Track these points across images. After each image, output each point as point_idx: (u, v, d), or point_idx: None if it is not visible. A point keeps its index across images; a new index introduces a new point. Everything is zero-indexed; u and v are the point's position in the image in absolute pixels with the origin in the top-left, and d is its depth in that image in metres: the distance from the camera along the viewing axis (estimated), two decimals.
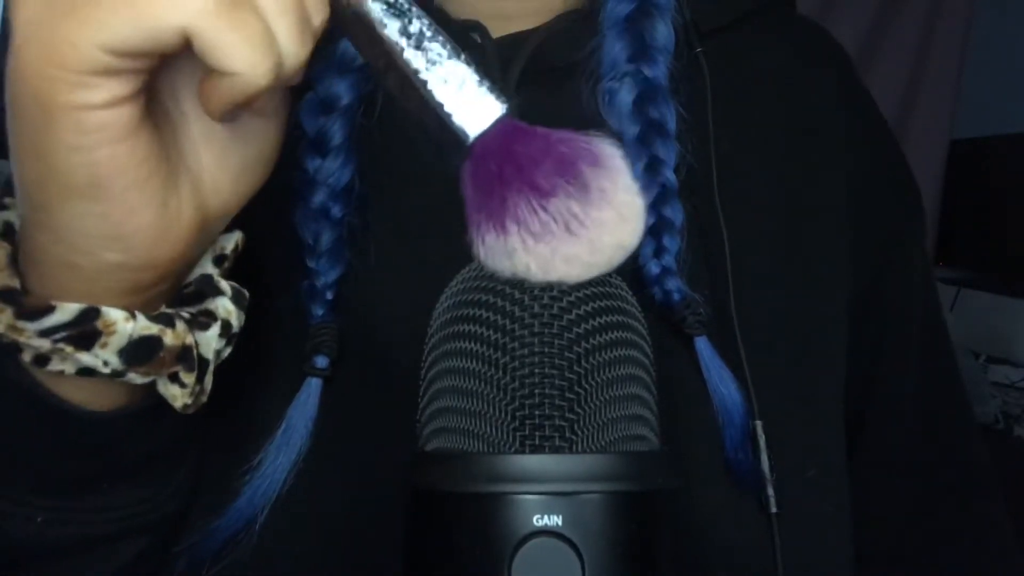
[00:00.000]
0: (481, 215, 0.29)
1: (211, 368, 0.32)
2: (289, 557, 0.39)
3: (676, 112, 0.42)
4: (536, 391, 0.29)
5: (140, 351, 0.29)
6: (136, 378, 0.30)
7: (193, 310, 0.32)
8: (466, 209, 0.30)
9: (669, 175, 0.41)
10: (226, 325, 0.32)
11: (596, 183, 0.29)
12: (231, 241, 0.34)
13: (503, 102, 0.29)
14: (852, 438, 0.47)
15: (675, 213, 0.41)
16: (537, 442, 0.29)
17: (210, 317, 0.32)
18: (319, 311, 0.40)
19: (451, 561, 0.28)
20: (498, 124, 0.29)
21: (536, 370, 0.29)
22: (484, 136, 0.29)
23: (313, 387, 0.39)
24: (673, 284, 0.40)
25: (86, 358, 0.29)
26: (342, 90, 0.41)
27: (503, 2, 0.46)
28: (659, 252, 0.40)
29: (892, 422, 0.48)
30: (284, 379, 0.40)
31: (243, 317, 0.33)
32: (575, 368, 0.29)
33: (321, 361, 0.39)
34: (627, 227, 0.30)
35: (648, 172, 0.41)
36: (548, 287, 0.30)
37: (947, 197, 2.07)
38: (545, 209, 0.28)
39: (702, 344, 0.40)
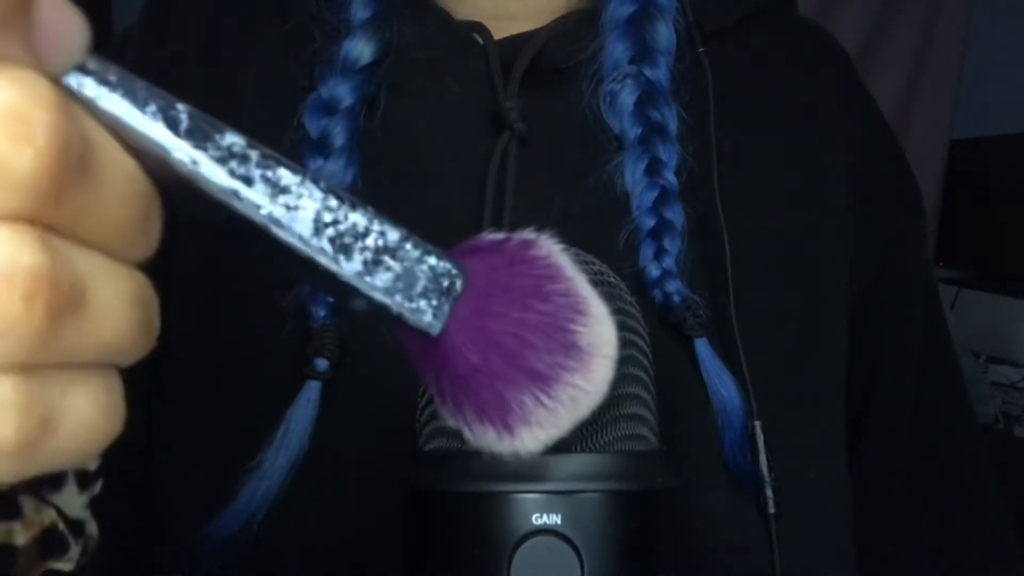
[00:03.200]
0: (469, 413, 0.25)
1: (88, 517, 0.29)
2: (288, 557, 0.39)
3: (677, 114, 0.43)
4: None
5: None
6: None
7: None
8: (437, 396, 0.25)
9: (670, 177, 0.41)
10: (82, 475, 0.28)
11: (584, 337, 0.24)
12: None
13: (458, 271, 0.23)
14: (853, 438, 0.47)
15: (676, 215, 0.41)
16: None
17: (60, 475, 0.28)
18: (320, 313, 0.40)
19: (451, 560, 0.28)
20: (460, 302, 0.23)
21: None
22: (448, 325, 0.23)
23: (313, 390, 0.39)
24: (673, 286, 0.40)
25: None
26: (344, 92, 0.41)
27: (506, 3, 0.46)
28: (659, 254, 0.40)
29: (893, 422, 0.48)
30: (284, 381, 0.40)
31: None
32: None
33: (321, 364, 0.39)
34: (612, 362, 0.25)
35: (649, 174, 0.41)
36: None
37: (947, 197, 2.07)
38: (551, 397, 0.24)
39: (702, 346, 0.40)
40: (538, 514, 0.27)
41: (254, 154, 0.20)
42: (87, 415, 0.18)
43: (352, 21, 0.43)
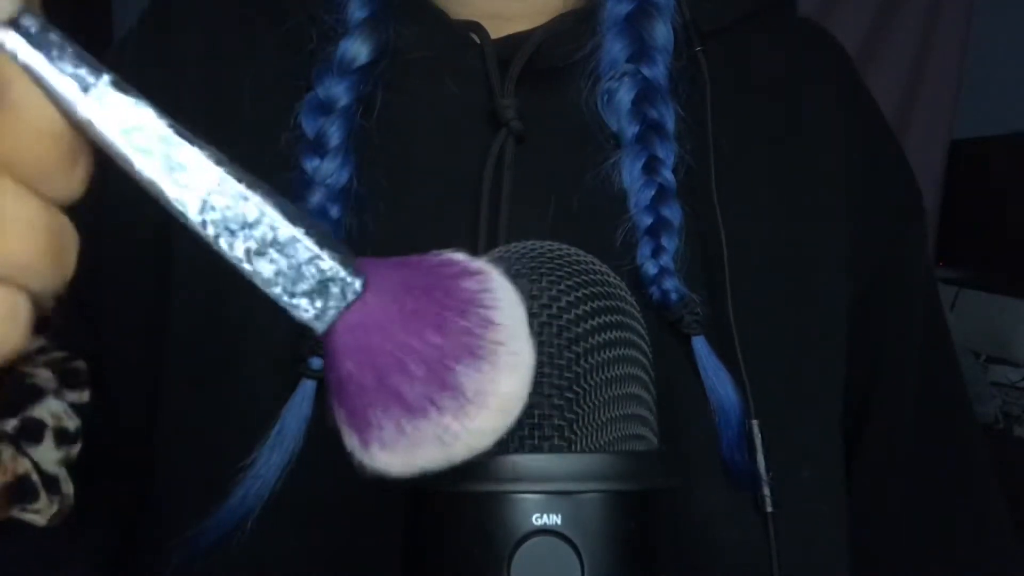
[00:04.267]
0: (339, 413, 0.25)
1: (64, 475, 0.29)
2: (282, 556, 0.39)
3: (675, 112, 0.43)
4: (535, 390, 0.29)
5: None
6: None
7: (15, 421, 0.29)
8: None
9: (668, 175, 0.41)
10: (60, 432, 0.29)
11: (469, 381, 0.24)
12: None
13: (354, 280, 0.24)
14: (853, 438, 0.47)
15: (673, 213, 0.41)
16: (536, 441, 0.29)
17: (38, 426, 0.29)
18: None
19: (450, 561, 0.28)
20: (350, 311, 0.24)
21: (535, 369, 0.29)
22: (333, 328, 0.24)
23: (307, 388, 0.39)
24: (671, 284, 0.40)
25: None
26: (341, 91, 0.41)
27: (503, 2, 0.46)
28: (657, 252, 0.40)
29: (893, 422, 0.48)
30: (279, 379, 0.40)
31: (84, 397, 0.31)
32: (574, 367, 0.29)
33: (316, 363, 0.39)
34: (507, 415, 0.24)
35: (647, 172, 0.41)
36: (548, 287, 0.30)
37: (947, 197, 2.07)
38: (414, 428, 0.24)
39: (699, 344, 0.40)
40: (538, 514, 0.27)
41: (161, 128, 0.23)
42: None
43: (349, 21, 0.43)
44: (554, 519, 0.27)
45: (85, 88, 0.22)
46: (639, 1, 0.43)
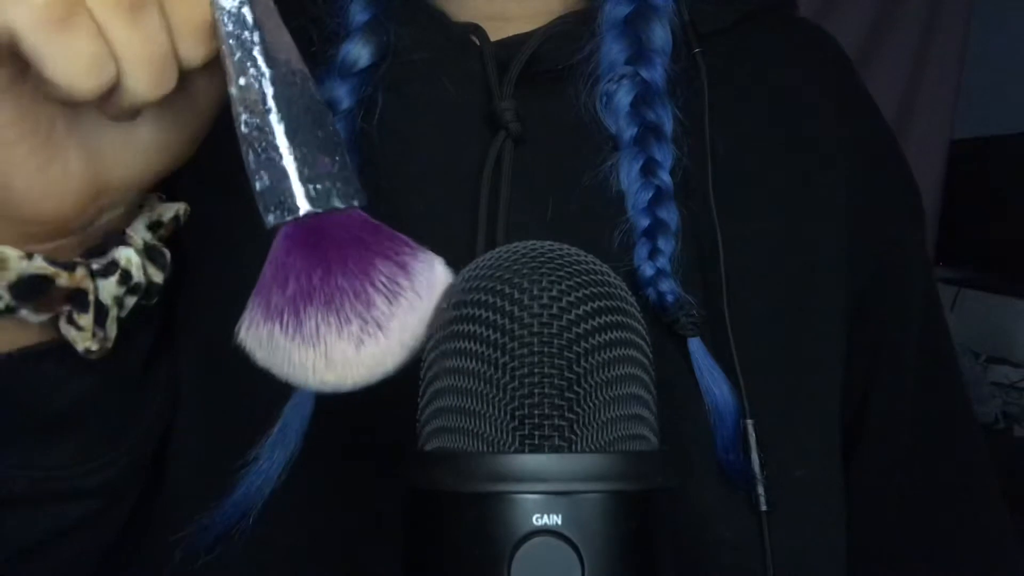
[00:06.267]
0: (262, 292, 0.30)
1: (112, 314, 0.33)
2: (284, 552, 0.39)
3: (673, 114, 0.43)
4: (535, 390, 0.29)
5: (31, 287, 0.31)
6: (29, 315, 0.31)
7: (102, 261, 0.33)
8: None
9: (665, 177, 0.42)
10: (125, 275, 0.33)
11: (380, 312, 0.29)
12: (171, 211, 0.36)
13: (293, 212, 0.29)
14: (851, 438, 0.47)
15: (670, 215, 0.41)
16: (536, 441, 0.29)
17: (111, 264, 0.33)
18: None
19: (450, 560, 0.28)
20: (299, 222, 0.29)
21: (536, 370, 0.29)
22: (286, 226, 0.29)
23: None
24: (667, 286, 0.40)
25: None
26: (342, 94, 0.42)
27: (502, 4, 0.46)
28: (654, 254, 0.40)
29: (892, 422, 0.48)
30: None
31: (160, 274, 0.35)
32: (574, 368, 0.29)
33: None
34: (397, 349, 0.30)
35: (644, 174, 0.41)
36: (548, 287, 0.30)
37: (947, 197, 2.07)
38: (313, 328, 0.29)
39: (695, 345, 0.40)
40: (538, 514, 0.27)
41: (256, 35, 0.29)
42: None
43: (350, 24, 0.43)
44: (554, 519, 0.27)
45: None
46: (638, 3, 0.43)
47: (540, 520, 0.27)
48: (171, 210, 0.36)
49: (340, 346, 0.29)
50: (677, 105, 0.43)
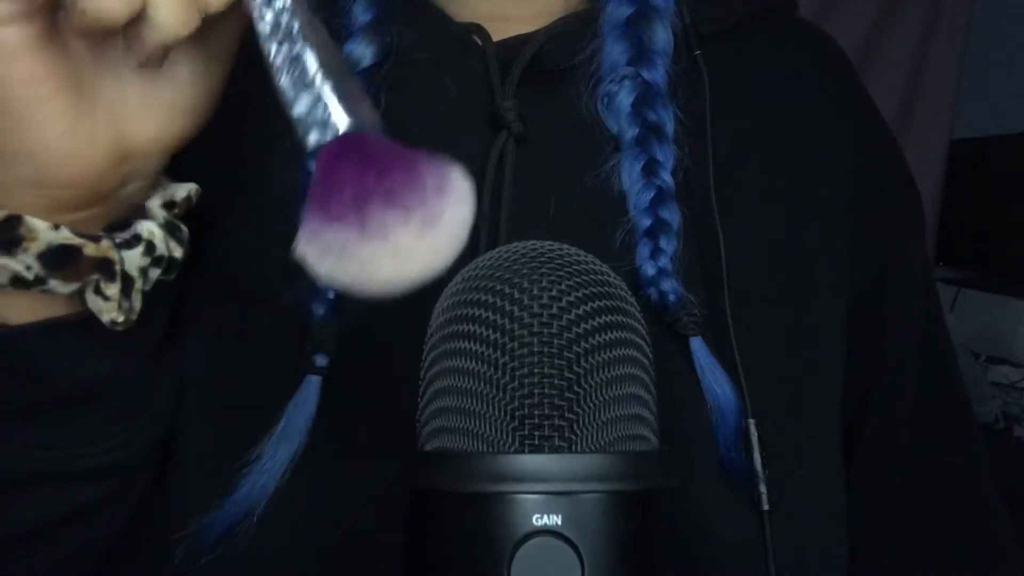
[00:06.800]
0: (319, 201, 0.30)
1: (138, 286, 0.34)
2: (286, 552, 0.39)
3: (674, 115, 0.43)
4: (535, 391, 0.29)
5: (60, 257, 0.31)
6: (58, 286, 0.32)
7: (125, 235, 0.34)
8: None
9: (666, 177, 0.42)
10: (150, 246, 0.34)
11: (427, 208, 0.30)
12: (183, 190, 0.37)
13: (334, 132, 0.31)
14: (852, 437, 0.47)
15: (672, 215, 0.41)
16: (536, 442, 0.29)
17: (135, 236, 0.34)
18: (320, 310, 0.40)
19: (451, 561, 0.28)
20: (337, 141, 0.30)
21: (536, 370, 0.29)
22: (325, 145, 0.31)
23: (313, 385, 0.39)
24: (669, 285, 0.40)
25: (10, 263, 0.31)
26: None
27: (504, 5, 0.46)
28: (655, 254, 0.40)
29: (892, 421, 0.48)
30: (284, 376, 0.40)
31: (180, 249, 0.35)
32: (574, 368, 0.29)
33: (321, 360, 0.39)
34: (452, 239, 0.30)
35: (646, 174, 0.42)
36: (548, 287, 0.30)
37: (947, 197, 2.07)
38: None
39: (697, 344, 0.40)
40: (538, 514, 0.27)
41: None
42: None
43: (353, 24, 0.43)
44: (554, 519, 0.27)
45: None
46: (639, 5, 0.43)
47: (540, 520, 0.27)
48: (183, 190, 0.37)
49: (406, 237, 0.29)
50: (678, 106, 0.43)
